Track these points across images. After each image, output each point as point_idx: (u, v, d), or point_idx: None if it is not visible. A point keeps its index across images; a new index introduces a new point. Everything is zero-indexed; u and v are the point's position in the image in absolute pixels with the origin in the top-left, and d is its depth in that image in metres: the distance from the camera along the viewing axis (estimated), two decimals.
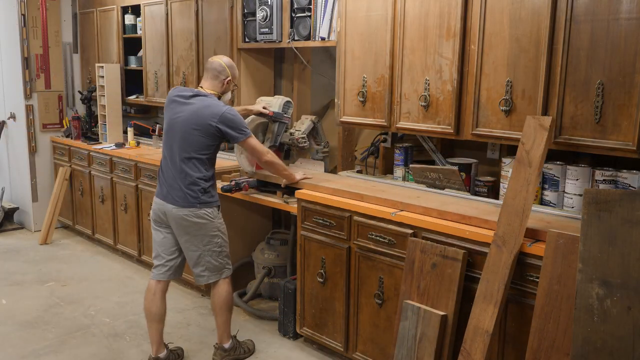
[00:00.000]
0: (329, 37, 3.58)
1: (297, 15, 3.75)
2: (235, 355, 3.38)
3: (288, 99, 3.73)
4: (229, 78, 3.19)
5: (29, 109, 5.67)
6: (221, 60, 3.21)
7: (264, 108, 3.61)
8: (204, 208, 3.10)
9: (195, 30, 4.48)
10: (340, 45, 3.43)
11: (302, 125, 3.81)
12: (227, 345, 3.35)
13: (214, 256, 3.19)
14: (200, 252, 3.17)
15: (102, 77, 5.21)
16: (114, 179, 5.02)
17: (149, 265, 4.76)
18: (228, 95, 3.27)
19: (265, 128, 3.74)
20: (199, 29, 4.46)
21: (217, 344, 3.37)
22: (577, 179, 2.69)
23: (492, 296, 2.39)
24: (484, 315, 2.40)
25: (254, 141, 3.18)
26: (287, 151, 3.98)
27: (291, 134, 3.76)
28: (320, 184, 3.33)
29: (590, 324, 2.06)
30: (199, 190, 3.08)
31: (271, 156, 3.28)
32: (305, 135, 3.76)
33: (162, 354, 3.29)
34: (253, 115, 3.65)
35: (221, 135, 3.09)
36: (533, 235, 2.45)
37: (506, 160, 2.93)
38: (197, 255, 3.18)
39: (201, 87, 3.21)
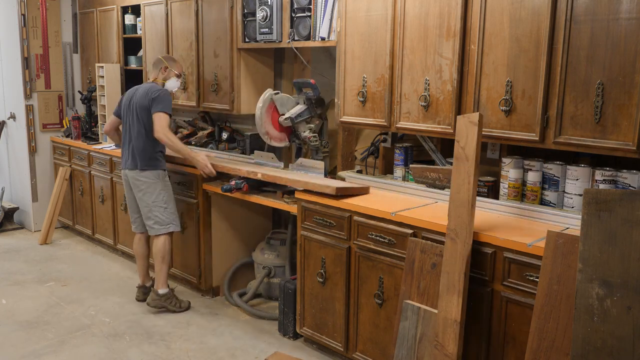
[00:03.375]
0: (329, 37, 3.58)
1: (297, 15, 3.75)
2: (166, 303, 3.91)
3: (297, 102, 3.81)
4: (165, 66, 3.92)
5: (29, 109, 5.67)
6: (160, 55, 4.09)
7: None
8: (149, 170, 3.84)
9: (195, 30, 4.48)
10: (340, 45, 3.43)
11: (312, 124, 3.81)
12: (161, 290, 3.92)
13: (160, 211, 3.87)
14: (149, 207, 3.86)
15: (102, 77, 5.21)
16: (113, 179, 5.02)
17: None
18: (172, 83, 3.95)
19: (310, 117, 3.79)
20: (199, 29, 4.46)
21: (153, 288, 3.97)
22: (577, 179, 2.69)
23: (454, 287, 2.50)
24: (450, 306, 2.50)
25: (163, 118, 3.74)
26: (299, 149, 3.99)
27: (302, 132, 3.77)
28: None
29: (590, 323, 2.06)
30: (145, 156, 3.82)
31: (168, 137, 3.75)
32: (316, 135, 3.76)
33: (148, 284, 4.11)
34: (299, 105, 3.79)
35: (150, 107, 3.76)
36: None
37: (506, 160, 2.93)
38: (147, 210, 3.88)
39: (148, 79, 4.06)
